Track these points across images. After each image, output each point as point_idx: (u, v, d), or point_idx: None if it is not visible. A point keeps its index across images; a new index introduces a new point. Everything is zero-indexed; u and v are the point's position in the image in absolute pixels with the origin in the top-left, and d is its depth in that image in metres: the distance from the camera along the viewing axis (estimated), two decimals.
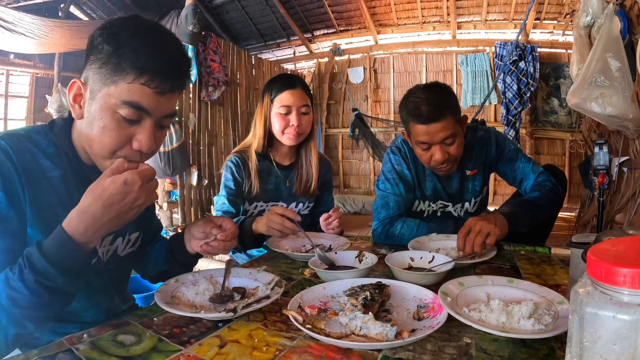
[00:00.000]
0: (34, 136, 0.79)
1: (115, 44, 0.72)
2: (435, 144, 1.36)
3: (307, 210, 1.63)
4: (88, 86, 0.76)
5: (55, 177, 0.78)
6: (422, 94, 1.36)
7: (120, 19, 0.78)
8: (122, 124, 0.75)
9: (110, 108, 0.74)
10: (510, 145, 1.54)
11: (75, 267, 0.69)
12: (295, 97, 1.48)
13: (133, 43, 0.73)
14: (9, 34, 4.29)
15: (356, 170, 6.66)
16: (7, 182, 0.71)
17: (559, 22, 5.15)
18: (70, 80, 0.77)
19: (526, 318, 0.69)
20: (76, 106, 0.78)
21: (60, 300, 0.70)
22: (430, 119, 1.32)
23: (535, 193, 1.40)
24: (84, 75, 0.77)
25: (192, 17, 3.75)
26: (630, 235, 0.62)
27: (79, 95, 0.78)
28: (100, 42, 0.74)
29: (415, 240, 1.28)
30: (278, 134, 1.51)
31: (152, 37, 0.75)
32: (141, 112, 0.75)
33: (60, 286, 0.68)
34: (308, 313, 0.75)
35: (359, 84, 6.49)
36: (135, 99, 0.74)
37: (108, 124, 0.75)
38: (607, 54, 2.16)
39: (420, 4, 5.74)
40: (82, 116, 0.78)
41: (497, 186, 5.55)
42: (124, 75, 0.72)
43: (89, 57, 0.77)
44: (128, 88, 0.73)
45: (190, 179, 4.27)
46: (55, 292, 0.67)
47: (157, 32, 0.77)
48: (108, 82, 0.73)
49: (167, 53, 0.76)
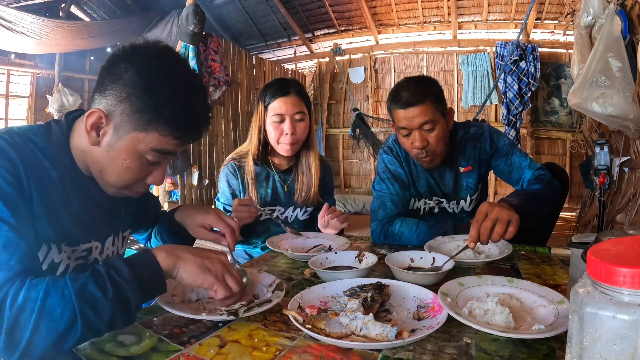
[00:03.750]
0: (31, 136, 0.78)
1: (158, 99, 0.74)
2: (414, 129, 1.38)
3: (307, 215, 1.61)
4: (112, 121, 0.76)
5: (54, 177, 0.78)
6: (405, 82, 1.42)
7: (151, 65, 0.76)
8: (145, 165, 0.80)
9: (138, 152, 0.77)
10: (505, 140, 1.52)
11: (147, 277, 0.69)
12: (288, 105, 1.45)
13: (176, 102, 0.76)
14: (10, 34, 4.30)
15: (357, 170, 6.66)
16: (15, 170, 0.71)
17: (560, 22, 5.15)
18: (71, 80, 0.78)
19: (527, 319, 0.69)
20: (93, 133, 0.76)
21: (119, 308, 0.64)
22: (408, 103, 1.36)
23: (537, 185, 1.36)
24: (107, 106, 0.76)
25: (193, 17, 3.76)
26: (631, 235, 0.62)
27: (97, 124, 0.76)
28: (138, 90, 0.74)
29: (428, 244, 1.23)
30: (274, 143, 1.49)
31: (189, 95, 0.78)
32: (167, 155, 0.81)
33: (127, 289, 0.65)
34: (308, 313, 0.75)
35: (359, 83, 6.50)
36: (165, 147, 0.78)
37: (132, 166, 0.79)
38: (608, 53, 2.16)
39: (421, 4, 5.74)
40: (99, 144, 0.78)
41: (498, 186, 5.55)
42: (158, 127, 0.76)
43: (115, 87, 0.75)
44: (160, 139, 0.77)
45: (191, 179, 4.28)
46: (119, 293, 0.64)
47: (191, 86, 0.80)
48: (139, 129, 0.75)
49: (201, 111, 0.81)
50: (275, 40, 6.79)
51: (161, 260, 0.70)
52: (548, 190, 1.33)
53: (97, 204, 0.87)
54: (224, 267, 0.76)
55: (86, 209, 0.84)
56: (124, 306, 0.65)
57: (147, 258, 0.70)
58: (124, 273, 0.65)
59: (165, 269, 0.70)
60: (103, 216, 0.90)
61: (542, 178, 1.38)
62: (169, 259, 0.71)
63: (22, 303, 0.59)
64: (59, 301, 0.61)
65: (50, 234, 0.76)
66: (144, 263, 0.69)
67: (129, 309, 0.66)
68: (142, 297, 0.67)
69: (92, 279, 0.63)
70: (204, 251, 0.77)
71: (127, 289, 0.65)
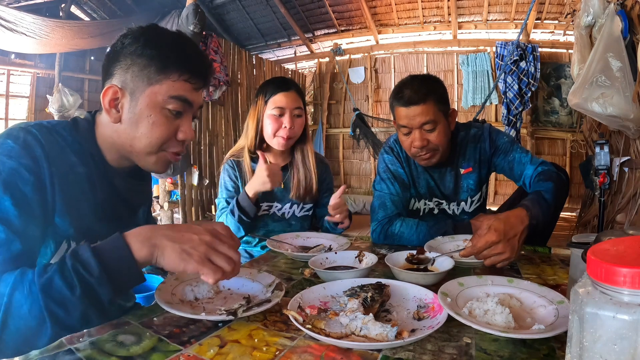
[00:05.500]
0: (61, 130, 0.80)
1: (158, 48, 0.81)
2: (415, 129, 1.37)
3: (304, 212, 1.62)
4: (127, 89, 0.81)
5: (80, 173, 0.80)
6: (409, 80, 1.41)
7: (144, 28, 0.84)
8: (170, 118, 0.83)
9: (159, 104, 0.81)
10: (505, 138, 1.51)
11: (119, 271, 0.64)
12: (289, 99, 1.49)
13: (175, 47, 0.82)
14: (10, 34, 4.30)
15: (357, 170, 6.67)
16: (37, 167, 0.72)
17: (560, 22, 5.15)
18: (71, 80, 0.79)
19: (527, 319, 0.69)
20: (113, 111, 0.82)
21: (90, 304, 0.62)
22: (410, 101, 1.35)
23: (549, 184, 1.26)
24: (118, 79, 0.81)
25: (193, 17, 3.76)
26: (631, 235, 0.62)
27: (114, 100, 0.81)
28: (139, 47, 0.80)
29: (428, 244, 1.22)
30: (269, 137, 1.52)
31: (186, 42, 0.86)
32: (185, 104, 0.84)
33: (96, 285, 0.61)
34: (308, 313, 0.75)
35: (359, 83, 6.50)
36: (181, 93, 0.83)
37: (157, 119, 0.82)
38: (608, 54, 2.16)
39: (421, 4, 5.74)
40: (120, 119, 0.82)
41: (498, 186, 5.55)
42: (169, 74, 0.81)
43: (118, 62, 0.81)
44: (173, 85, 0.82)
45: (191, 179, 4.28)
46: (87, 290, 0.61)
47: (186, 38, 0.87)
48: (153, 82, 0.80)
49: (199, 54, 0.87)
50: (275, 40, 6.78)
51: (136, 250, 0.65)
52: (561, 190, 1.28)
53: (122, 200, 0.89)
54: (208, 247, 0.68)
55: (110, 205, 0.86)
56: (94, 302, 0.62)
57: (119, 251, 0.64)
58: (91, 268, 0.61)
59: (140, 260, 0.65)
60: (126, 212, 0.92)
61: (549, 174, 1.32)
62: (144, 249, 0.65)
63: None
64: (25, 298, 0.59)
65: (70, 231, 0.78)
66: (116, 258, 0.64)
67: (100, 305, 0.62)
68: (114, 292, 0.63)
69: (59, 274, 0.60)
70: (184, 231, 0.69)
71: (95, 285, 0.61)
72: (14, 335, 0.58)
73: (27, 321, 0.58)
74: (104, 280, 0.62)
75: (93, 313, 0.62)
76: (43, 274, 0.60)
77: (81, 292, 0.60)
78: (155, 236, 0.67)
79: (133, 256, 0.65)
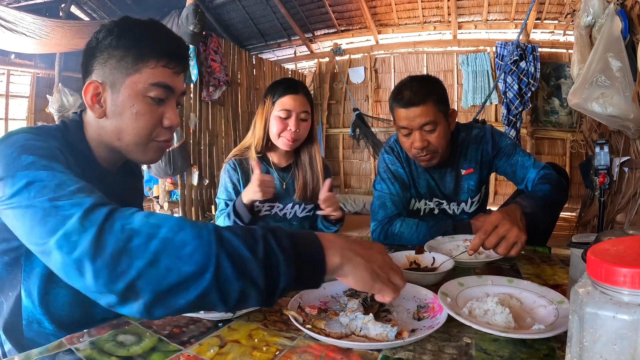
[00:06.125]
0: (55, 133, 0.80)
1: (132, 37, 0.80)
2: (415, 130, 1.37)
3: (305, 212, 1.62)
4: (107, 83, 0.81)
5: (77, 173, 0.79)
6: (408, 81, 1.41)
7: (116, 21, 0.83)
8: (153, 106, 0.83)
9: (140, 93, 0.81)
10: (507, 140, 1.51)
11: (309, 261, 0.60)
12: (297, 103, 1.49)
13: (149, 34, 0.82)
14: (10, 34, 4.30)
15: (357, 170, 6.66)
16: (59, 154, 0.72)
17: (560, 22, 5.15)
18: (71, 80, 0.79)
19: (527, 319, 0.69)
20: (96, 106, 0.82)
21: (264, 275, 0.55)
22: (410, 102, 1.34)
23: (546, 186, 1.30)
24: (97, 74, 0.81)
25: (193, 17, 3.76)
26: (631, 235, 0.62)
27: (96, 96, 0.81)
28: (114, 40, 0.80)
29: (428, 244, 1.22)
30: (274, 137, 1.52)
31: (159, 28, 0.85)
32: (167, 90, 0.83)
33: (281, 260, 0.56)
34: (308, 313, 0.75)
35: (359, 83, 6.49)
36: (161, 80, 0.82)
37: (141, 109, 0.81)
38: (608, 53, 2.16)
39: (421, 4, 5.74)
40: (105, 114, 0.82)
41: (498, 186, 5.55)
42: (146, 62, 0.80)
43: (95, 58, 0.81)
44: (152, 72, 0.81)
45: (191, 179, 4.27)
46: (269, 261, 0.56)
47: (159, 23, 0.86)
48: (131, 72, 0.80)
49: (175, 38, 0.86)
50: (275, 40, 6.78)
51: (329, 256, 0.61)
52: (557, 192, 1.30)
53: (116, 199, 0.88)
54: (389, 267, 0.68)
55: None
56: (268, 276, 0.55)
57: (314, 245, 0.61)
58: (284, 242, 0.57)
59: (329, 266, 0.61)
60: None
61: (549, 177, 1.35)
62: (336, 258, 0.62)
63: (138, 227, 0.53)
64: (192, 239, 0.53)
65: None
66: (309, 249, 0.60)
67: (273, 285, 0.56)
68: (293, 279, 0.57)
69: (242, 234, 0.56)
70: (370, 250, 0.67)
71: (281, 260, 0.56)
72: (160, 275, 0.51)
73: (184, 264, 0.52)
74: (291, 261, 0.57)
75: (259, 288, 0.55)
76: (220, 228, 0.56)
77: (263, 258, 0.55)
78: (349, 248, 0.64)
79: (324, 257, 0.61)
